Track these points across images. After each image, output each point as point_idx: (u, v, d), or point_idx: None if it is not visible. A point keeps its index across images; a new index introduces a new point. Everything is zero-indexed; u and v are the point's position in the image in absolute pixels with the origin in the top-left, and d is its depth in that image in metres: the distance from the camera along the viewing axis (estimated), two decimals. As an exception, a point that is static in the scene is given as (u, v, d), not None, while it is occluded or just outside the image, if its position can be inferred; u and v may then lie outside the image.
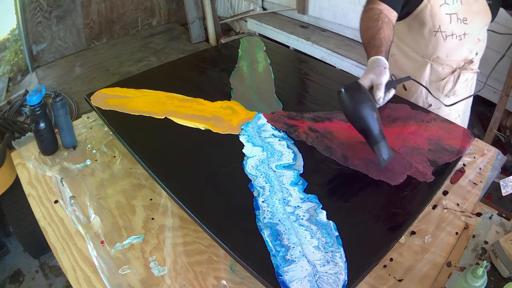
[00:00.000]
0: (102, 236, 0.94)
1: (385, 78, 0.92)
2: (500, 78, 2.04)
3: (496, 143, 2.17)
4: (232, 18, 3.85)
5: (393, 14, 1.09)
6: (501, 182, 0.99)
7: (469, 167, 1.12)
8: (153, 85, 1.32)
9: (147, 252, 0.91)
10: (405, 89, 1.35)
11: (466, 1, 1.13)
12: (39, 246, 1.77)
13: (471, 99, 1.41)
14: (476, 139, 1.20)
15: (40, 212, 1.02)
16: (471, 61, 1.23)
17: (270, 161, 0.99)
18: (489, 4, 1.13)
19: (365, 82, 0.92)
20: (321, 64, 1.59)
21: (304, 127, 1.11)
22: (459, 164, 1.10)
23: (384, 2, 1.08)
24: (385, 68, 0.94)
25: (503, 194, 0.98)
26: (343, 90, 0.91)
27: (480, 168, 1.12)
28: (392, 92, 0.95)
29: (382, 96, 0.91)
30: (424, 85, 1.28)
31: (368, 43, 1.03)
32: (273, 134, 1.08)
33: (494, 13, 1.16)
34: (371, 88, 0.93)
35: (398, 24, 1.24)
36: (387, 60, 0.97)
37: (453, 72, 1.24)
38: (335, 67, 2.60)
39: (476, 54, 1.22)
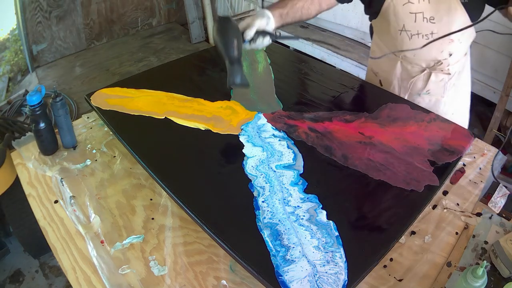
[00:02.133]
0: (102, 236, 0.94)
1: (258, 22, 1.02)
2: (500, 78, 2.04)
3: (496, 143, 2.17)
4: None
5: None
6: (490, 204, 1.00)
7: (469, 167, 1.12)
8: (153, 85, 1.32)
9: (147, 252, 0.91)
10: (381, 84, 1.38)
11: (435, 0, 1.10)
12: (39, 246, 1.77)
13: (468, 98, 1.39)
14: (476, 139, 1.20)
15: (40, 212, 1.02)
16: (440, 63, 1.20)
17: (270, 161, 0.99)
18: (464, 3, 1.08)
19: (241, 24, 1.02)
20: (321, 64, 1.59)
21: (304, 127, 1.11)
22: (459, 164, 1.10)
23: None
24: (263, 17, 1.03)
25: (497, 212, 0.98)
26: (217, 20, 1.01)
27: (480, 168, 1.12)
28: (267, 39, 1.04)
29: (250, 34, 1.00)
30: (397, 86, 1.32)
31: (278, 2, 1.12)
32: (273, 134, 1.08)
33: (474, 13, 1.10)
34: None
35: (375, 22, 1.26)
36: (277, 17, 1.07)
37: (422, 71, 1.24)
38: (335, 67, 2.60)
39: (450, 55, 1.20)
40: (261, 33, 1.03)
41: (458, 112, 1.36)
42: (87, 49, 3.58)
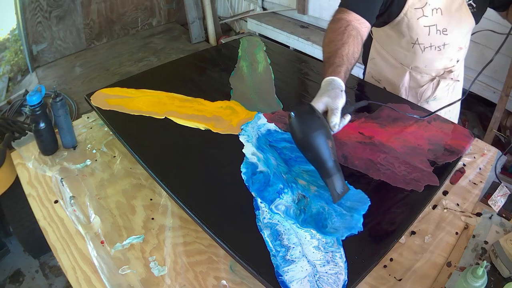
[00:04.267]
0: (102, 236, 0.94)
1: (341, 102, 0.84)
2: (500, 78, 2.04)
3: (496, 143, 2.17)
4: (232, 18, 3.85)
5: (364, 25, 1.01)
6: (490, 202, 1.00)
7: (469, 167, 1.12)
8: (153, 85, 1.32)
9: (147, 252, 0.91)
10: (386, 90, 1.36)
11: (447, 11, 1.08)
12: (39, 246, 1.77)
13: (460, 93, 1.39)
14: (476, 139, 1.20)
15: (40, 212, 1.02)
16: (450, 71, 1.21)
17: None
18: (472, 13, 1.09)
19: (319, 106, 0.84)
20: (321, 64, 1.59)
21: (304, 127, 1.10)
22: (459, 164, 1.10)
23: (355, 12, 1.00)
24: (341, 91, 0.86)
25: (496, 210, 0.98)
26: (293, 114, 0.81)
27: (480, 168, 1.12)
28: (348, 118, 0.87)
29: (337, 123, 0.83)
30: (404, 95, 1.30)
31: (328, 59, 0.94)
32: (283, 138, 1.08)
33: (478, 19, 1.13)
34: (325, 113, 0.85)
35: (377, 30, 1.22)
36: (344, 80, 0.90)
37: (432, 80, 1.23)
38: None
39: (458, 61, 1.21)
40: (342, 112, 0.84)
41: (453, 107, 1.36)
42: (87, 49, 3.59)
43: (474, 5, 1.08)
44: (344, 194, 0.85)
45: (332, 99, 0.84)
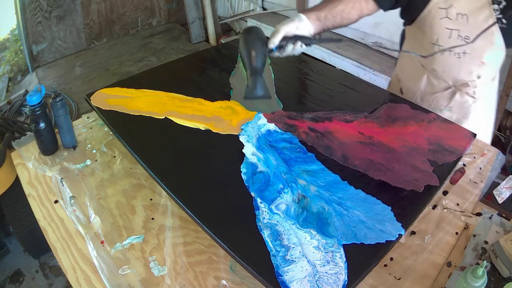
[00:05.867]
0: (102, 236, 0.94)
1: (287, 27, 0.96)
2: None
3: (496, 143, 2.17)
4: (232, 18, 3.85)
5: (369, 3, 1.06)
6: (495, 192, 0.99)
7: (469, 167, 1.12)
8: (153, 85, 1.32)
9: (147, 252, 0.91)
10: (402, 92, 1.35)
11: (473, 19, 1.04)
12: (39, 246, 1.77)
13: (491, 124, 1.36)
14: (476, 139, 1.20)
15: (40, 212, 1.02)
16: (466, 84, 1.17)
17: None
18: (501, 28, 1.03)
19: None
20: (321, 64, 1.59)
21: (304, 127, 1.11)
22: (459, 164, 1.10)
23: None
24: (293, 21, 0.97)
25: (500, 202, 0.98)
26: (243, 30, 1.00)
27: (480, 168, 1.12)
28: (298, 46, 0.97)
29: (274, 41, 0.95)
30: (419, 99, 1.28)
31: (315, 5, 1.05)
32: (283, 138, 1.08)
33: (510, 38, 1.05)
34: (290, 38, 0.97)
35: (408, 28, 1.22)
36: (315, 21, 1.01)
37: (447, 88, 1.21)
38: (335, 67, 2.60)
39: (479, 77, 1.16)
40: (291, 39, 0.97)
41: (486, 125, 1.33)
42: (87, 49, 3.58)
43: (505, 21, 1.02)
44: (260, 97, 0.96)
45: (279, 25, 0.97)
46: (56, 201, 1.05)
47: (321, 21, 1.02)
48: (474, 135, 1.11)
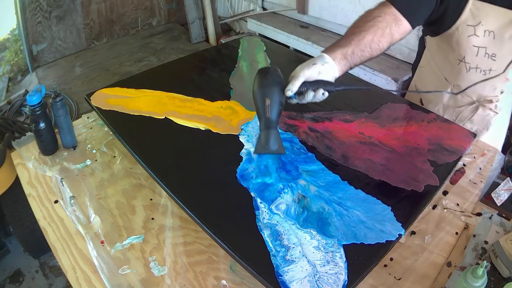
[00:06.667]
0: (102, 236, 0.94)
1: (308, 72, 0.85)
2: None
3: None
4: (232, 18, 3.85)
5: (401, 25, 0.95)
6: (493, 194, 0.99)
7: (469, 167, 1.12)
8: (153, 85, 1.32)
9: (147, 252, 0.91)
10: (422, 103, 1.32)
11: (500, 36, 1.01)
12: (39, 246, 1.77)
13: (504, 133, 1.34)
14: (476, 139, 1.20)
15: (40, 212, 1.02)
16: (490, 101, 1.17)
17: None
18: None
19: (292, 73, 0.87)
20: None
21: (304, 127, 1.11)
22: (459, 164, 1.10)
23: (397, 8, 0.94)
24: (315, 64, 0.86)
25: (498, 204, 0.98)
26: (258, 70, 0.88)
27: (480, 168, 1.12)
28: (319, 93, 0.86)
29: (291, 89, 0.84)
30: (441, 111, 1.25)
31: (339, 39, 0.93)
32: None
33: None
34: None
35: (430, 39, 1.18)
36: (341, 61, 0.89)
37: (471, 104, 1.20)
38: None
39: (502, 92, 1.15)
40: (313, 84, 0.85)
41: (498, 135, 1.32)
42: (87, 49, 3.58)
43: None
44: (272, 152, 0.85)
45: (300, 68, 0.86)
46: (56, 201, 1.05)
47: (348, 59, 0.90)
48: (474, 135, 1.11)
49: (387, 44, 0.95)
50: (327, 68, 0.87)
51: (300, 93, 0.86)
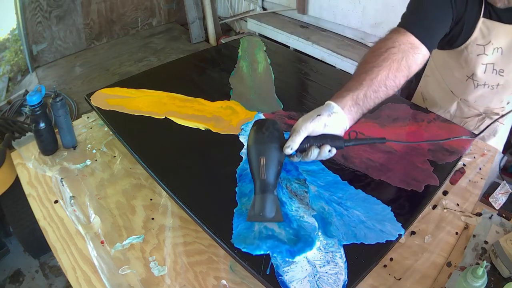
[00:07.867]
0: (102, 236, 0.94)
1: (311, 125, 0.73)
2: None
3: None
4: (232, 18, 3.85)
5: (418, 52, 0.86)
6: (491, 199, 0.99)
7: (469, 167, 1.12)
8: (153, 85, 1.32)
9: (147, 252, 0.91)
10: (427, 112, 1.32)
11: (508, 53, 0.99)
12: (39, 246, 1.77)
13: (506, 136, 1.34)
14: (476, 139, 1.19)
15: (40, 212, 1.02)
16: (497, 113, 1.17)
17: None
18: None
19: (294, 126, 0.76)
20: (321, 64, 1.60)
21: (304, 127, 1.10)
22: (459, 164, 1.10)
23: (413, 34, 0.86)
24: (318, 115, 0.74)
25: (497, 208, 0.98)
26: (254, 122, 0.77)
27: (480, 168, 1.12)
28: (325, 150, 0.74)
29: (291, 146, 0.73)
30: (449, 116, 1.24)
31: (349, 80, 0.82)
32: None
33: None
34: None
35: (436, 51, 1.14)
36: (350, 107, 0.77)
37: (478, 115, 1.21)
38: (335, 67, 2.60)
39: (508, 103, 1.15)
40: (317, 140, 0.74)
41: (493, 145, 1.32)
42: (87, 49, 3.58)
43: None
44: (268, 220, 0.74)
45: (302, 120, 0.75)
46: (56, 201, 1.05)
47: (360, 104, 0.79)
48: (474, 135, 1.11)
49: (404, 79, 0.84)
50: (335, 119, 0.76)
51: (302, 150, 0.75)
